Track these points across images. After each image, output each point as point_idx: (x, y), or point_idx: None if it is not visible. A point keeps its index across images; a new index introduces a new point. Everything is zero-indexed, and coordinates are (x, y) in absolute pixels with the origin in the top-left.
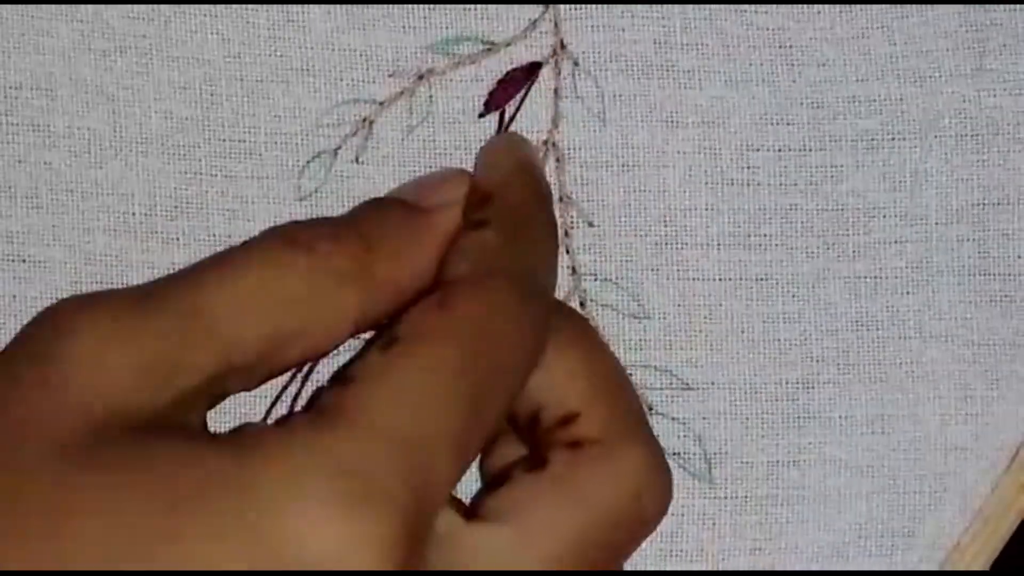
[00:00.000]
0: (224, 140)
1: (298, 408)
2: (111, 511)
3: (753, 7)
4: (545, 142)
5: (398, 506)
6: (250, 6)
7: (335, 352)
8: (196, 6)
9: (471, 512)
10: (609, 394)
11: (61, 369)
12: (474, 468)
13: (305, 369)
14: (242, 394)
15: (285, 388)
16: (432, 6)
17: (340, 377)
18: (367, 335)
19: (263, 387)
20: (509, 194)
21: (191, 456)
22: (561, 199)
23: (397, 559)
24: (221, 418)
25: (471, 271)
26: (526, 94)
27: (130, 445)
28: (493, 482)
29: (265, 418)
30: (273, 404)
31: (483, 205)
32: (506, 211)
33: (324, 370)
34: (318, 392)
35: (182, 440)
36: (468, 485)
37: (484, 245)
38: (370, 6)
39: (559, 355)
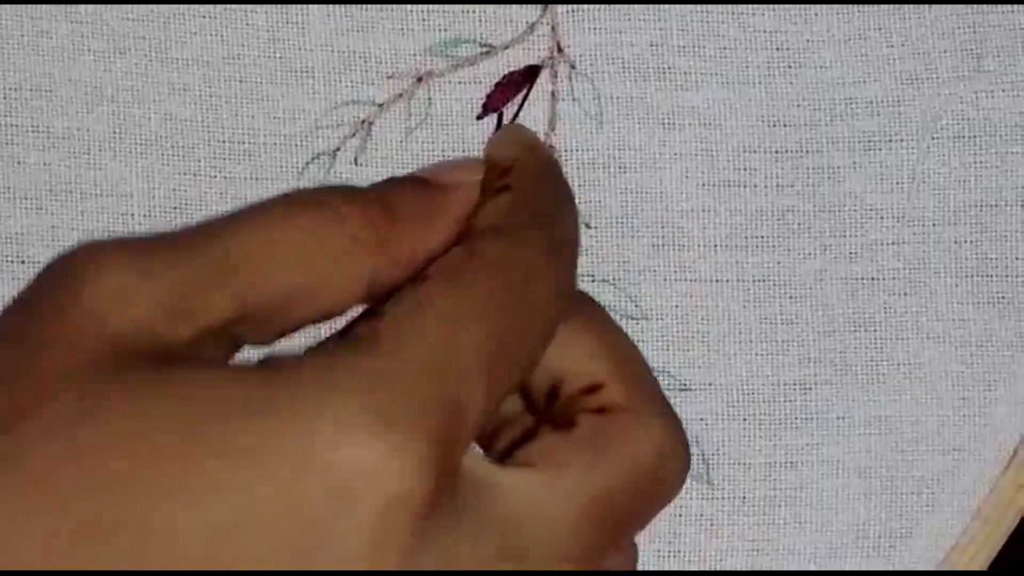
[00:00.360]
0: (223, 141)
1: None
2: (137, 431)
3: (750, 9)
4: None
5: (431, 424)
6: (249, 7)
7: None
8: (196, 7)
9: (499, 461)
10: (630, 368)
11: (80, 301)
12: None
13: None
14: None
15: None
16: (431, 9)
17: (372, 311)
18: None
19: None
20: (528, 162)
21: (219, 379)
22: None
23: (430, 475)
24: None
25: (501, 222)
26: (524, 97)
27: (154, 370)
28: (518, 441)
29: None
30: None
31: (504, 175)
32: (527, 177)
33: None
34: (348, 326)
35: (207, 366)
36: None
37: (509, 203)
38: (369, 8)
39: (577, 332)
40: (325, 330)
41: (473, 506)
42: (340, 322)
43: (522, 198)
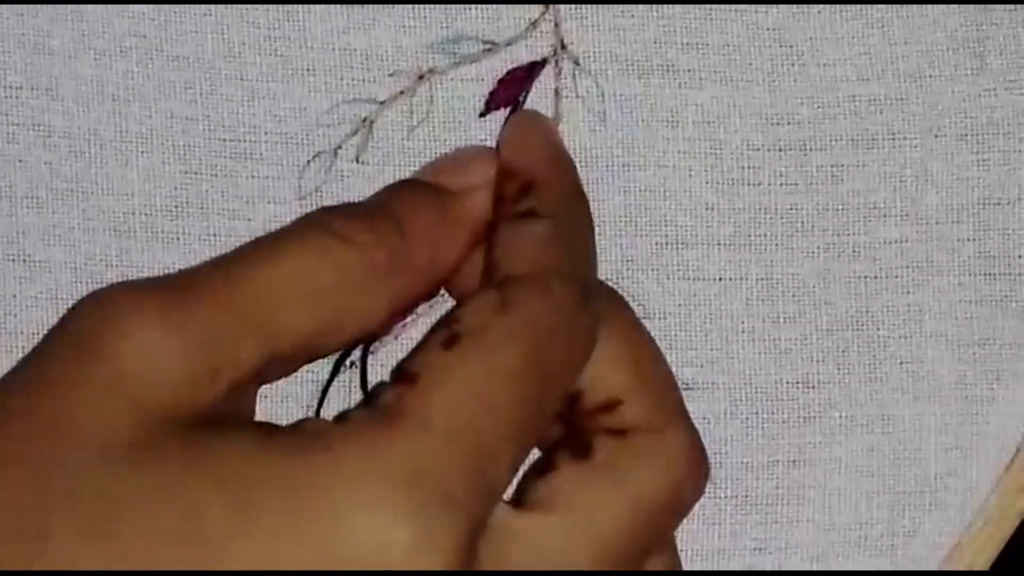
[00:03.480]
0: (224, 140)
1: (347, 395)
2: (171, 510)
3: (754, 6)
4: None
5: (464, 510)
6: (250, 5)
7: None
8: (196, 6)
9: (516, 499)
10: (651, 380)
11: (110, 366)
12: None
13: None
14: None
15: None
16: (432, 6)
17: (401, 374)
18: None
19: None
20: (552, 182)
21: (252, 453)
22: None
23: (461, 562)
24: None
25: (530, 269)
26: (527, 94)
27: (187, 442)
28: (536, 469)
29: (318, 409)
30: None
31: (526, 192)
32: (553, 202)
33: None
34: (377, 388)
35: (241, 436)
36: None
37: (538, 240)
38: (371, 5)
39: (602, 339)
40: None
41: (495, 559)
42: None
43: (553, 235)
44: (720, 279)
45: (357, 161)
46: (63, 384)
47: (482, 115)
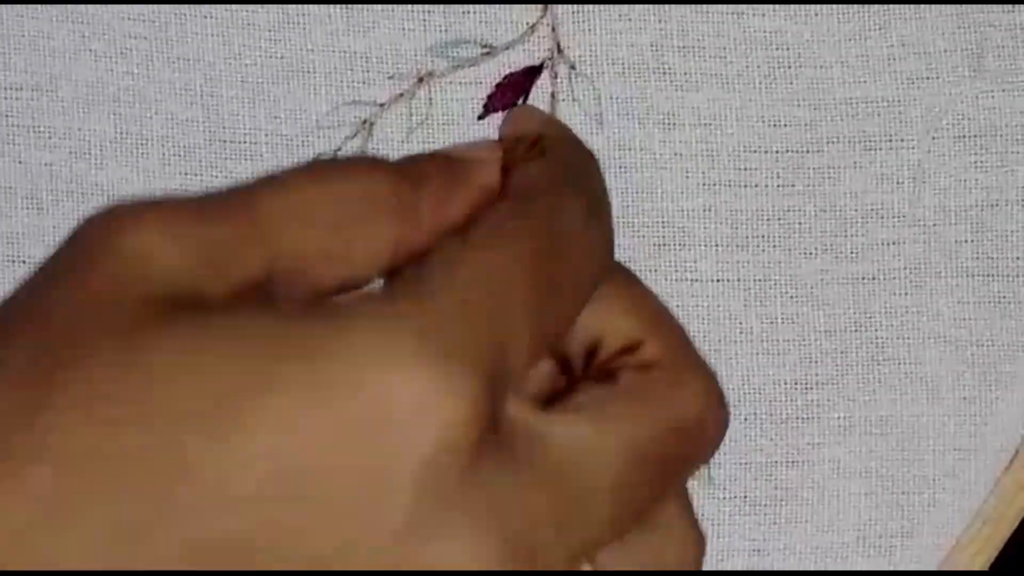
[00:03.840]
0: (224, 141)
1: None
2: (188, 372)
3: (750, 9)
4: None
5: (481, 364)
6: (251, 8)
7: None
8: (197, 7)
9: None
10: (667, 327)
11: (116, 257)
12: None
13: None
14: None
15: None
16: (431, 9)
17: (417, 262)
18: None
19: None
20: (554, 134)
21: (268, 320)
22: None
23: (482, 413)
24: None
25: (537, 184)
26: (525, 98)
27: (199, 315)
28: (560, 394)
29: None
30: None
31: (535, 145)
32: (558, 143)
33: None
34: (394, 275)
35: (254, 306)
36: None
37: (547, 166)
38: (370, 9)
39: (613, 293)
40: None
41: (522, 450)
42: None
43: (557, 162)
44: (718, 280)
45: None
46: (69, 273)
47: (480, 118)
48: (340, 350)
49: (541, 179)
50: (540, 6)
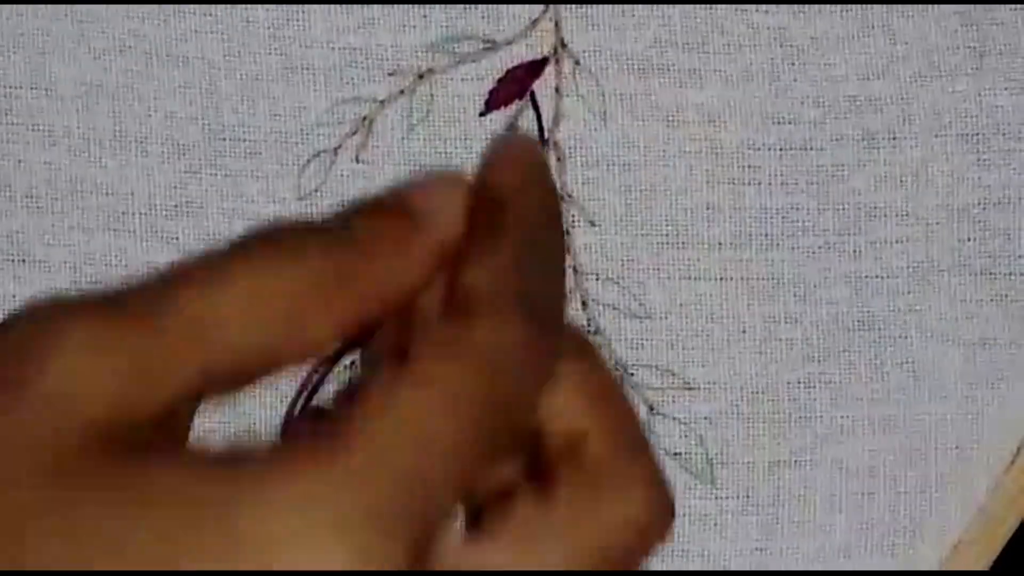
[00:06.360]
0: (224, 139)
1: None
2: (94, 540)
3: (754, 6)
4: (546, 141)
5: (403, 537)
6: (250, 5)
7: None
8: (196, 5)
9: (471, 524)
10: (615, 413)
11: (38, 386)
12: None
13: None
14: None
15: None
16: (432, 5)
17: (348, 395)
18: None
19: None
20: (524, 206)
21: (181, 480)
22: (562, 198)
23: None
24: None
25: (488, 299)
26: (528, 93)
27: (115, 467)
28: (496, 497)
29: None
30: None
31: (495, 212)
32: (521, 227)
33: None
34: (319, 410)
35: (171, 461)
36: None
37: (499, 266)
38: (371, 5)
39: (565, 373)
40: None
41: None
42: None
43: (517, 264)
44: (722, 278)
45: (357, 160)
46: None
47: (482, 114)
48: (254, 519)
49: (490, 290)
50: (543, 2)
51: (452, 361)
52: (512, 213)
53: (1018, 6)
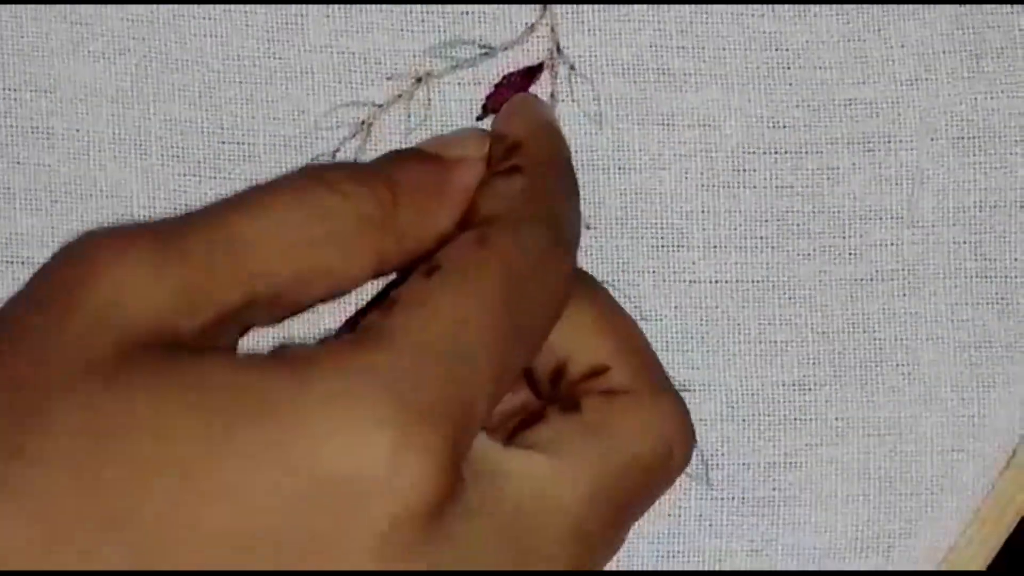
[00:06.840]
0: (223, 143)
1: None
2: (158, 421)
3: (749, 10)
4: None
5: (445, 421)
6: (249, 9)
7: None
8: (195, 8)
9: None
10: (634, 349)
11: (95, 293)
12: None
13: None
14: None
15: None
16: (429, 10)
17: (381, 301)
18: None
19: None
20: (538, 144)
21: (229, 376)
22: None
23: (442, 476)
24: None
25: (507, 213)
26: None
27: (164, 365)
28: (525, 422)
29: None
30: None
31: (513, 152)
32: (537, 160)
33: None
34: (357, 315)
35: (218, 359)
36: None
37: (518, 189)
38: (368, 9)
39: (581, 313)
40: (334, 307)
41: (482, 494)
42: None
43: (532, 186)
44: (716, 281)
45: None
46: (51, 309)
47: (479, 119)
48: (300, 411)
49: (508, 206)
50: (539, 6)
51: (479, 264)
52: (525, 152)
53: (1014, 8)
